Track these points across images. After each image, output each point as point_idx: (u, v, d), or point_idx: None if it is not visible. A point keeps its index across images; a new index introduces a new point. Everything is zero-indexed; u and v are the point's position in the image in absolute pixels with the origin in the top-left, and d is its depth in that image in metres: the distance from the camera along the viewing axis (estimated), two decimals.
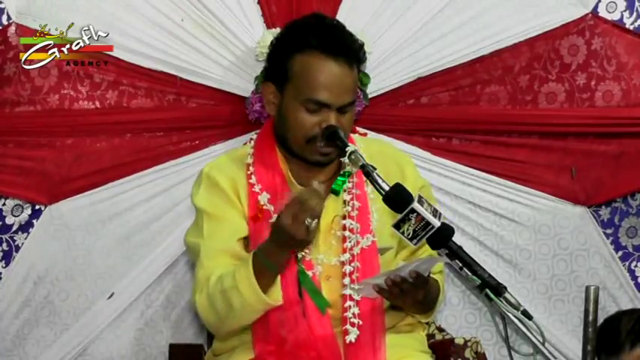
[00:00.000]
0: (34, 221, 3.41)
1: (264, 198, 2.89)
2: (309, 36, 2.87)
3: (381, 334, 2.84)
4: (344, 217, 2.89)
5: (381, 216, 2.89)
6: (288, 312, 2.81)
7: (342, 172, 2.92)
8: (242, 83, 3.39)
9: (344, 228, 2.87)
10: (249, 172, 2.94)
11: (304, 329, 2.79)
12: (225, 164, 3.00)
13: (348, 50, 2.89)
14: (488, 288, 2.47)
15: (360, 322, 2.79)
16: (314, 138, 2.85)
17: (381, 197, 2.63)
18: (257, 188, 2.91)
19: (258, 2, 3.41)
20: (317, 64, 2.86)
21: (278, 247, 2.72)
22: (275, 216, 2.82)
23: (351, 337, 2.78)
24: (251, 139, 3.07)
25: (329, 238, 2.88)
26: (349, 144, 2.78)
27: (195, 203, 2.97)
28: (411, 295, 2.70)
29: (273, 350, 2.81)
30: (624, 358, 3.21)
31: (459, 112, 3.50)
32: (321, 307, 2.79)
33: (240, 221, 2.90)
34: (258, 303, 2.76)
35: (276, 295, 2.77)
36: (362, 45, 2.94)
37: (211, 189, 2.94)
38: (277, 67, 2.91)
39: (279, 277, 2.78)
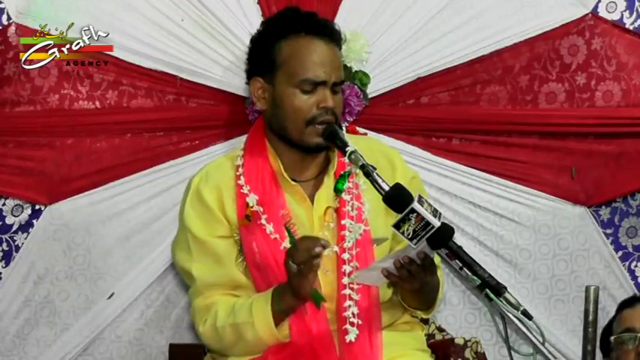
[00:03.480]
0: (34, 221, 3.41)
1: (252, 199, 2.88)
2: (291, 22, 2.89)
3: (378, 329, 2.84)
4: (336, 210, 2.89)
5: (373, 207, 2.89)
6: None
7: (342, 173, 2.92)
8: (242, 83, 3.39)
9: (343, 228, 2.87)
10: (237, 173, 2.93)
11: (300, 323, 2.80)
12: (214, 171, 2.98)
13: (331, 30, 2.91)
14: (488, 288, 2.47)
15: (360, 322, 2.79)
16: (313, 119, 2.85)
17: (372, 187, 2.63)
18: (245, 189, 2.90)
19: (258, 2, 3.42)
20: (306, 45, 2.87)
21: (286, 291, 2.75)
22: (265, 216, 2.84)
23: (351, 337, 2.78)
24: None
25: (322, 230, 2.88)
26: (349, 144, 2.77)
27: (183, 219, 2.96)
28: (419, 278, 2.69)
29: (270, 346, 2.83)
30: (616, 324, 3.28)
31: (459, 112, 3.50)
32: (317, 302, 2.79)
33: (225, 244, 2.90)
34: (270, 339, 2.79)
35: (286, 332, 2.80)
36: (337, 26, 2.97)
37: (197, 206, 2.93)
38: (262, 58, 2.91)
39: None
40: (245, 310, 2.81)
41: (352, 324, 2.78)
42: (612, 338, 3.21)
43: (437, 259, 2.93)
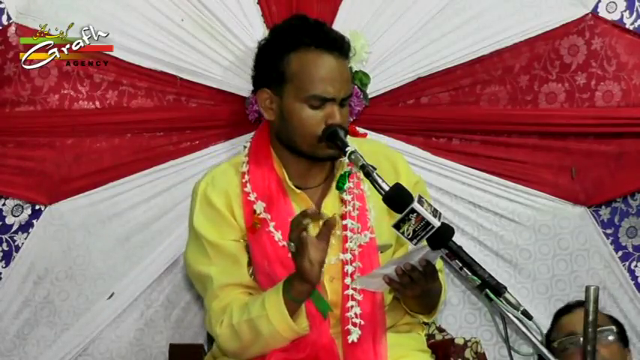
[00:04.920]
0: (34, 221, 3.42)
1: (259, 207, 2.88)
2: (300, 35, 2.87)
3: (382, 333, 2.83)
4: (343, 217, 2.89)
5: (378, 213, 2.89)
6: None
7: (342, 173, 2.92)
8: (242, 83, 3.39)
9: (345, 228, 2.87)
10: (243, 181, 2.92)
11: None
12: (220, 176, 2.97)
13: (341, 43, 2.89)
14: (488, 288, 2.47)
15: (362, 322, 2.79)
16: (323, 136, 2.85)
17: (377, 194, 2.63)
18: (252, 197, 2.89)
19: (258, 2, 3.41)
20: (315, 60, 2.85)
21: (295, 277, 2.73)
22: (272, 224, 2.84)
23: (353, 338, 2.77)
24: (244, 146, 3.05)
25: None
26: (349, 144, 2.77)
27: (194, 226, 2.94)
28: (421, 285, 2.69)
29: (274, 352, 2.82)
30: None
31: (459, 112, 3.50)
32: (324, 312, 2.79)
33: (238, 246, 2.90)
34: (287, 331, 2.76)
35: (304, 324, 2.78)
36: (346, 38, 2.95)
37: (207, 210, 2.92)
38: (271, 70, 2.89)
39: (303, 306, 2.78)
40: (258, 304, 2.78)
41: (355, 324, 2.78)
42: (555, 344, 3.24)
43: (439, 264, 2.94)
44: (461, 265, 2.52)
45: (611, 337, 3.26)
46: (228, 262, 2.88)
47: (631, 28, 3.45)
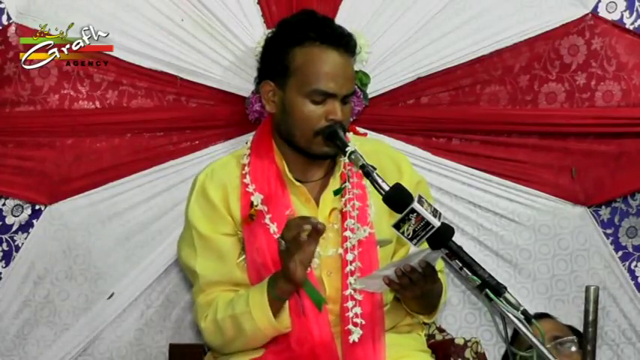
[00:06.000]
0: (34, 221, 3.42)
1: (257, 198, 2.89)
2: (307, 29, 2.88)
3: (381, 333, 2.84)
4: (341, 212, 2.89)
5: (379, 209, 2.89)
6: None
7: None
8: (242, 83, 3.40)
9: (345, 228, 2.87)
10: (243, 172, 2.94)
11: (301, 326, 2.79)
12: (220, 169, 2.99)
13: (347, 40, 2.90)
14: (488, 288, 2.47)
15: (363, 322, 2.79)
16: (321, 130, 2.85)
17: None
18: (251, 188, 2.91)
19: (258, 2, 3.42)
20: (319, 55, 2.86)
21: (280, 276, 2.76)
22: (268, 216, 2.84)
23: (354, 337, 2.78)
24: (247, 141, 3.06)
25: (327, 231, 2.87)
26: (349, 144, 2.78)
27: (187, 215, 2.98)
28: (420, 286, 2.69)
29: (271, 346, 2.83)
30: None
31: (459, 112, 3.49)
32: (318, 304, 2.79)
33: (229, 241, 2.91)
34: (268, 329, 2.79)
35: (286, 322, 2.80)
36: (353, 36, 2.96)
37: (202, 202, 2.95)
38: (276, 63, 2.90)
39: (287, 304, 2.80)
40: (242, 300, 2.81)
41: (355, 324, 2.79)
42: (519, 356, 3.23)
43: (440, 265, 2.94)
44: (461, 265, 2.52)
45: (573, 348, 3.27)
46: (213, 256, 2.91)
47: (631, 28, 3.45)
